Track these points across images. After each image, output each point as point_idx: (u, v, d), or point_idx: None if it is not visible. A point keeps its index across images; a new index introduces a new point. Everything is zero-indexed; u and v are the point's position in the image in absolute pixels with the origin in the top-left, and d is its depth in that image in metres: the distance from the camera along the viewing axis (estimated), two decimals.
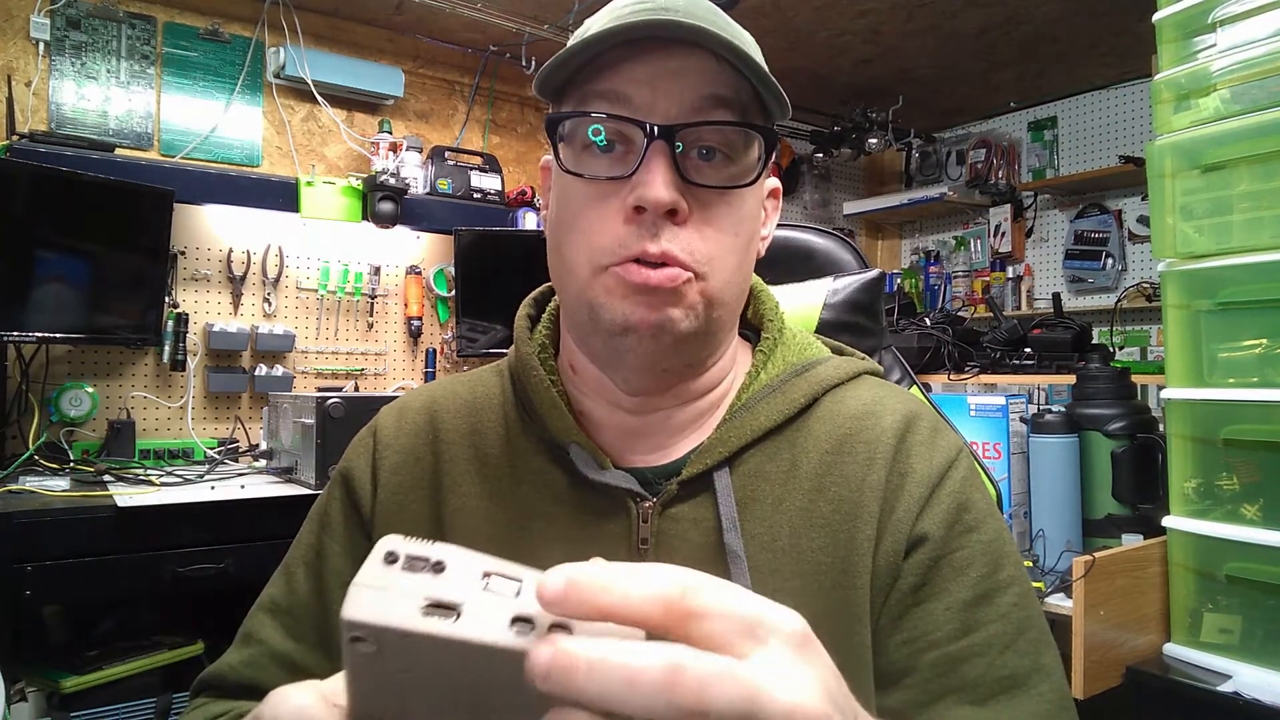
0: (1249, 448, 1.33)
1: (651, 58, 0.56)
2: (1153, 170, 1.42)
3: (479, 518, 0.64)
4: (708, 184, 0.56)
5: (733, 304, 0.61)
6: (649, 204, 0.54)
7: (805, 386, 0.64)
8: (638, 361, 0.59)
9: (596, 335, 0.59)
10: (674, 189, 0.54)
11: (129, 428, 2.44)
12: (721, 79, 0.56)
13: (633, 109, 0.56)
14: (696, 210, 0.56)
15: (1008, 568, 0.59)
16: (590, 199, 0.57)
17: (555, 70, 0.57)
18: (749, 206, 0.60)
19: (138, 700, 1.88)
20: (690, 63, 0.56)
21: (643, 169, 0.54)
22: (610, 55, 0.56)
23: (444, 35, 3.10)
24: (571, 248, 0.59)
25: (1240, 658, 1.32)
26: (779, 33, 3.15)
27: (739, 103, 0.57)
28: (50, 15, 2.46)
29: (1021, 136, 4.07)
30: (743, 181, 0.58)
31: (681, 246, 0.55)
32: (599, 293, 0.57)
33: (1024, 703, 0.55)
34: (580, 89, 0.58)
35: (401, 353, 3.03)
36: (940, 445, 0.62)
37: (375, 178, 2.73)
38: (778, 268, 0.94)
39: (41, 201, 2.16)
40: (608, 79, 0.56)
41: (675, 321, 0.56)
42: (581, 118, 0.57)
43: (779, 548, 0.59)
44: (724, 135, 0.56)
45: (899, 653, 0.58)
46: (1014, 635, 0.57)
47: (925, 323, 2.26)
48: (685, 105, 0.56)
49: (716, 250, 0.57)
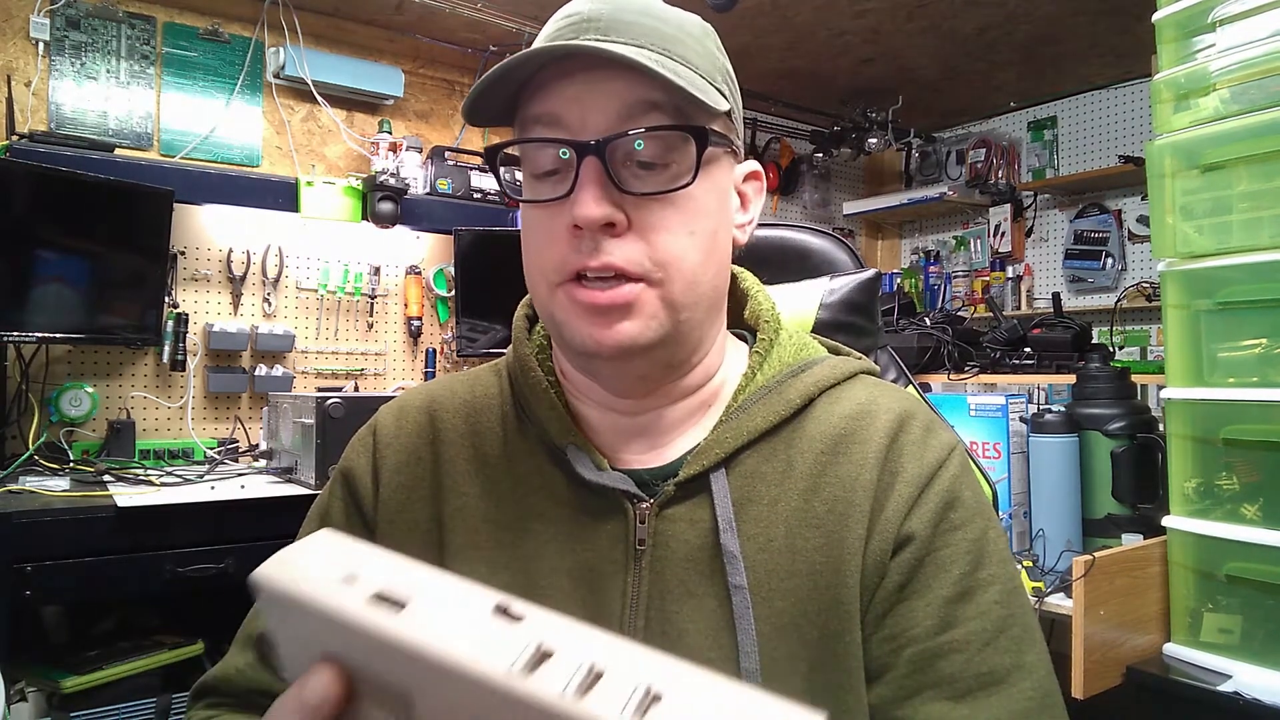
0: (1249, 448, 1.33)
1: (578, 75, 0.56)
2: (1152, 170, 1.42)
3: (478, 518, 0.64)
4: (645, 191, 0.56)
5: (705, 302, 0.61)
6: (581, 221, 0.55)
7: (801, 387, 0.64)
8: (612, 374, 0.61)
9: (568, 351, 0.61)
10: (605, 203, 0.55)
11: (129, 428, 2.44)
12: (651, 83, 0.55)
13: (565, 128, 0.57)
14: (638, 218, 0.56)
15: (990, 566, 0.59)
16: (539, 220, 0.59)
17: (480, 98, 0.58)
18: (702, 203, 0.59)
19: (138, 700, 1.88)
20: (616, 75, 0.56)
21: (577, 187, 0.55)
22: (540, 77, 0.57)
23: (444, 35, 3.10)
24: (530, 264, 0.61)
25: (1240, 658, 1.32)
26: (779, 33, 3.15)
27: (671, 105, 0.56)
28: (50, 15, 2.46)
29: (1021, 136, 4.07)
30: (680, 183, 0.57)
31: (624, 256, 0.56)
32: (558, 309, 0.59)
33: (1002, 700, 0.55)
34: (518, 115, 0.59)
35: (401, 353, 3.03)
36: (932, 445, 0.63)
37: (375, 178, 2.73)
38: (774, 268, 0.94)
39: (41, 201, 2.16)
40: (541, 101, 0.57)
41: (635, 337, 0.57)
42: (521, 144, 0.59)
43: (775, 548, 0.59)
44: (655, 140, 0.56)
45: (880, 649, 0.58)
46: (995, 633, 0.57)
47: (925, 322, 2.26)
48: (614, 116, 0.56)
49: (668, 254, 0.57)
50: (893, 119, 3.83)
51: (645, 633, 0.59)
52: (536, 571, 0.62)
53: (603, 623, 0.60)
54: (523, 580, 0.62)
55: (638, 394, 0.63)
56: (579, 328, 0.57)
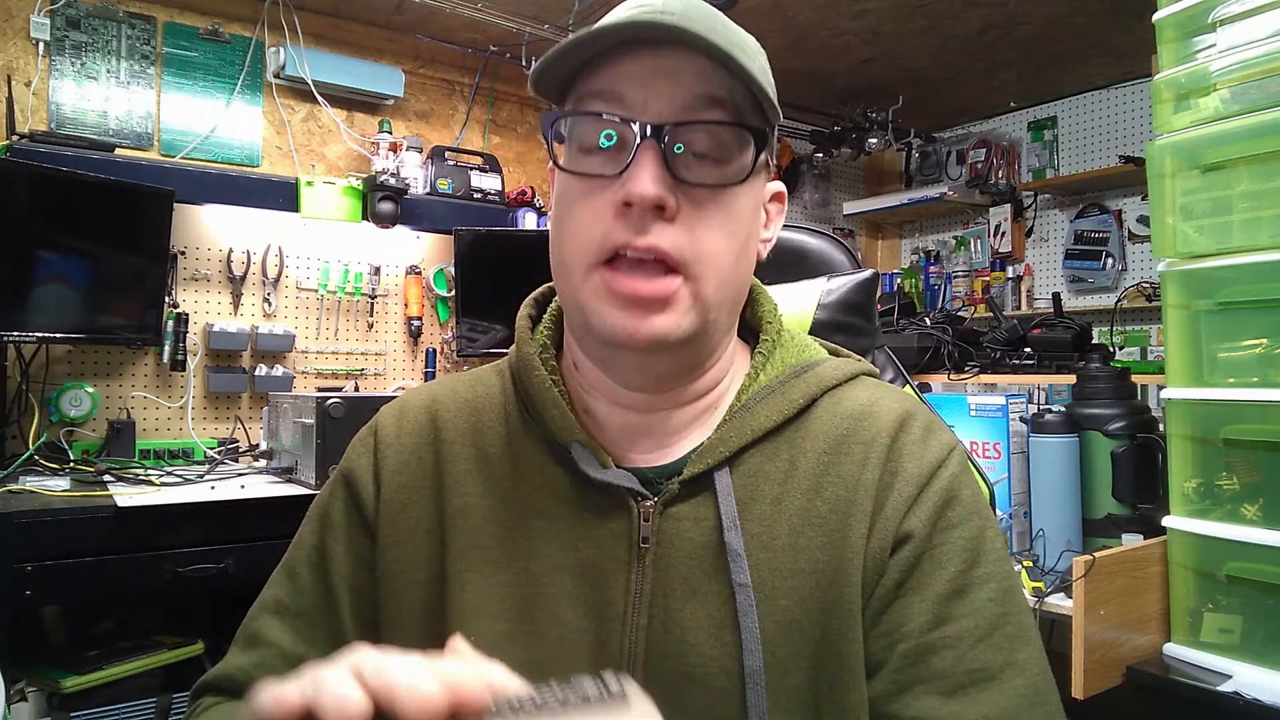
0: (1249, 448, 1.33)
1: (646, 57, 0.56)
2: (1153, 170, 1.42)
3: (480, 517, 0.64)
4: (699, 182, 0.57)
5: (729, 306, 0.61)
6: (635, 199, 0.55)
7: (804, 388, 0.64)
8: (634, 368, 0.60)
9: (592, 340, 0.60)
10: (661, 185, 0.55)
11: (129, 428, 2.44)
12: (715, 80, 0.56)
13: (626, 107, 0.57)
14: (687, 208, 0.57)
15: (986, 564, 0.60)
16: (583, 195, 0.58)
17: (550, 66, 0.58)
18: (743, 207, 0.60)
19: (138, 700, 1.88)
20: (684, 63, 0.56)
21: (633, 166, 0.55)
22: (606, 55, 0.57)
23: (444, 35, 3.10)
24: (564, 244, 0.60)
25: (1240, 658, 1.32)
26: (779, 33, 3.15)
27: (732, 103, 0.57)
28: (50, 15, 2.46)
29: (1021, 136, 4.07)
30: (734, 180, 0.58)
31: (670, 242, 0.56)
32: (589, 296, 0.58)
33: (993, 696, 0.56)
34: (576, 88, 0.59)
35: (401, 353, 3.03)
36: (932, 445, 0.63)
37: (375, 178, 2.73)
38: (771, 268, 0.94)
39: (41, 201, 2.16)
40: (602, 78, 0.57)
41: (668, 331, 0.57)
42: (576, 116, 0.58)
43: (778, 546, 0.60)
44: (715, 135, 0.57)
45: (876, 645, 0.58)
46: (988, 630, 0.57)
47: (925, 323, 2.25)
48: (677, 104, 0.56)
49: (708, 250, 0.57)
50: (893, 119, 3.82)
51: (648, 631, 0.59)
52: (539, 570, 0.62)
53: (606, 620, 0.60)
54: (525, 579, 0.62)
55: (651, 390, 0.63)
56: (611, 317, 0.57)
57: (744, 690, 0.57)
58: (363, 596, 0.66)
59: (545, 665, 0.58)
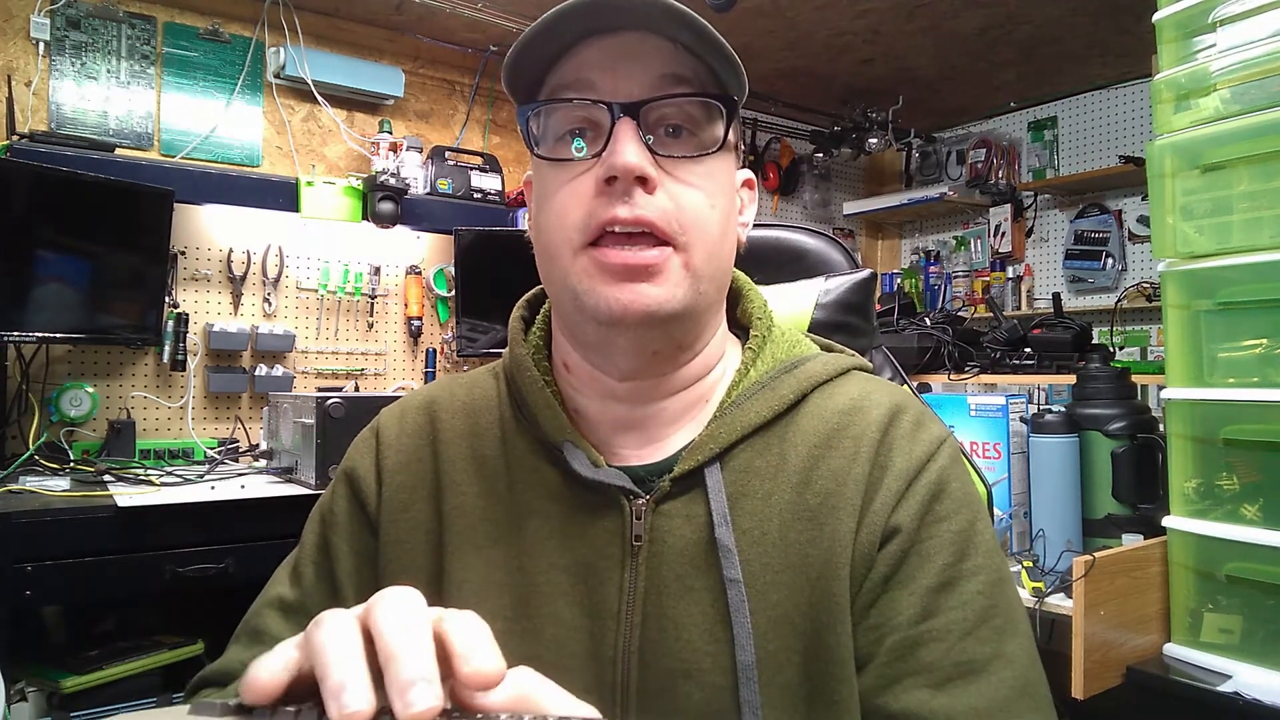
0: (1249, 448, 1.33)
1: (609, 44, 0.58)
2: (1153, 170, 1.42)
3: (476, 516, 0.65)
4: (677, 154, 0.59)
5: (718, 279, 0.63)
6: (619, 170, 0.56)
7: (794, 383, 0.65)
8: (629, 346, 0.60)
9: (585, 322, 0.61)
10: (642, 157, 0.56)
11: (129, 428, 2.44)
12: (678, 59, 0.58)
13: (597, 92, 0.58)
14: (668, 180, 0.58)
15: (976, 556, 0.60)
16: (564, 181, 0.60)
17: (519, 60, 0.59)
18: (721, 179, 0.62)
19: (138, 700, 1.88)
20: (647, 46, 0.58)
21: (611, 142, 0.57)
22: (568, 49, 0.59)
23: (444, 35, 3.10)
24: (549, 231, 0.61)
25: (1240, 658, 1.32)
26: (779, 33, 3.15)
27: (697, 80, 0.59)
28: (50, 15, 2.46)
29: (1021, 136, 4.07)
30: (710, 149, 0.60)
31: (656, 211, 0.57)
32: (580, 276, 0.58)
33: (981, 689, 0.56)
34: (546, 85, 0.61)
35: (401, 353, 3.03)
36: (921, 438, 0.63)
37: (375, 178, 2.73)
38: (769, 268, 0.95)
39: (41, 201, 2.16)
40: (569, 70, 0.59)
41: (661, 302, 0.58)
42: (549, 106, 0.60)
43: (768, 541, 0.60)
44: (686, 109, 0.59)
45: (865, 639, 0.58)
46: (976, 623, 0.57)
47: (925, 323, 2.25)
48: (646, 85, 0.58)
49: (694, 219, 0.59)
50: (893, 119, 3.83)
51: (642, 628, 0.59)
52: (534, 569, 0.62)
53: (601, 618, 0.60)
54: (520, 578, 0.62)
55: (644, 374, 0.63)
56: (604, 291, 0.57)
57: (737, 685, 0.57)
58: (366, 593, 0.66)
59: (542, 662, 0.58)
